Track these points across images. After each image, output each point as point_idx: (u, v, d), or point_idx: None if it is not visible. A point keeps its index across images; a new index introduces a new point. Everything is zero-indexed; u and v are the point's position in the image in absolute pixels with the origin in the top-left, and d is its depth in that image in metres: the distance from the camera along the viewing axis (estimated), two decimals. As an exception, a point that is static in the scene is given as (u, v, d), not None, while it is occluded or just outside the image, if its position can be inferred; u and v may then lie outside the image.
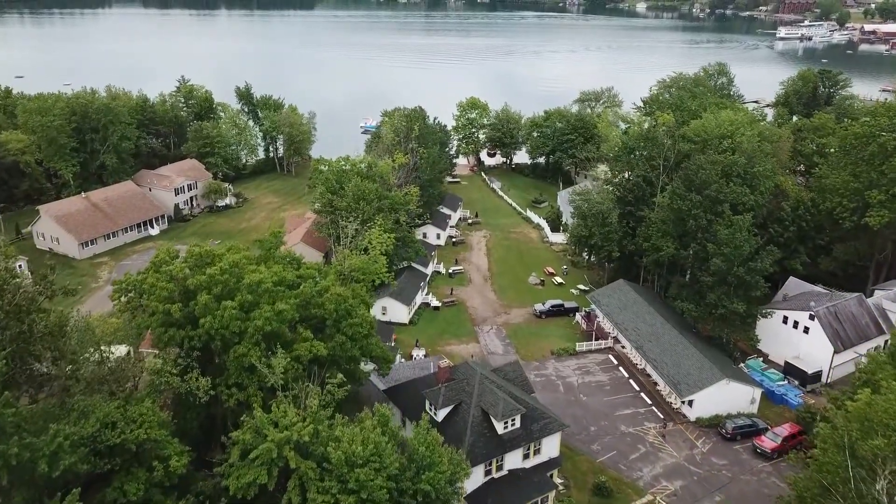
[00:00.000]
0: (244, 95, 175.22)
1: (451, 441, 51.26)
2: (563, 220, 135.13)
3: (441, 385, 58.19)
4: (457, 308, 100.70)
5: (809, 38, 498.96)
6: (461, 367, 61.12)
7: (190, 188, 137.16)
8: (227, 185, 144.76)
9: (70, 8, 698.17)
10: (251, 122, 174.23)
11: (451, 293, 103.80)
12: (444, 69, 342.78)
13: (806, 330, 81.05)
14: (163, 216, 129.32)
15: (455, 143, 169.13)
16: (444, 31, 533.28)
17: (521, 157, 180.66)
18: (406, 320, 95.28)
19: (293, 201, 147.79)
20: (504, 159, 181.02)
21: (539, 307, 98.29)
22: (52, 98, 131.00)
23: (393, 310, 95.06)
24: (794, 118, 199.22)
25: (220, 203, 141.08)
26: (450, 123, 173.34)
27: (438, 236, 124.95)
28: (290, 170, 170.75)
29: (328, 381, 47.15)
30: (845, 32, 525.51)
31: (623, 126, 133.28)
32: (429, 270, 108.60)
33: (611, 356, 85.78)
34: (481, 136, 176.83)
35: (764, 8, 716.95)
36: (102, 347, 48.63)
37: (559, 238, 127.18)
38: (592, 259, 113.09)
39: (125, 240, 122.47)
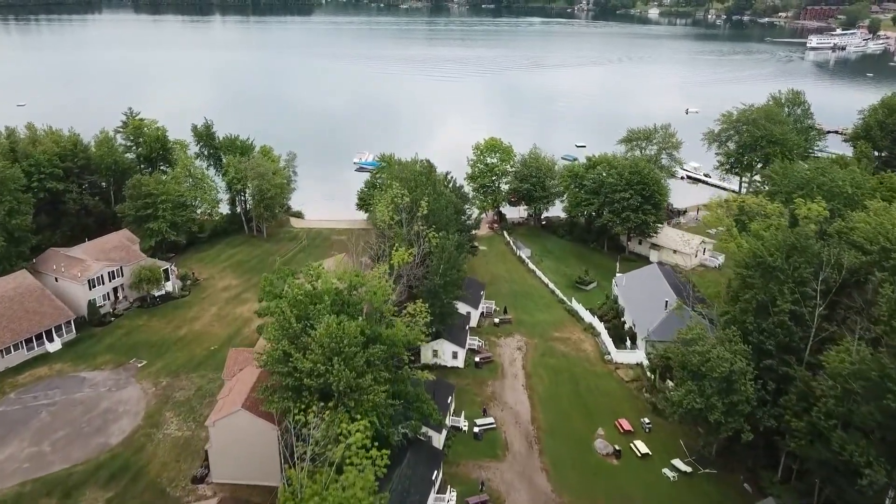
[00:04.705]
0: (203, 136, 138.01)
1: None
2: (627, 321, 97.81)
3: None
4: (491, 515, 63.37)
5: (843, 48, 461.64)
6: None
7: (112, 277, 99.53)
8: (167, 265, 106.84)
9: (58, 13, 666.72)
10: (212, 170, 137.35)
11: (482, 489, 66.04)
12: (447, 84, 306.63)
13: None
14: (69, 322, 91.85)
15: (474, 207, 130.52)
16: (448, 40, 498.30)
17: (553, 209, 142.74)
18: (410, 554, 57.89)
19: (258, 284, 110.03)
20: (529, 211, 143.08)
21: (626, 525, 61.02)
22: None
23: (389, 538, 57.70)
24: (877, 153, 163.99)
25: (157, 293, 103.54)
26: (463, 166, 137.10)
27: (455, 355, 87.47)
28: (261, 230, 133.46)
29: None
30: (880, 42, 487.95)
31: (728, 212, 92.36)
32: (442, 439, 71.04)
33: None
34: (503, 187, 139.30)
35: (784, 14, 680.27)
36: None
37: (626, 357, 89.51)
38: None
39: (7, 364, 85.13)
